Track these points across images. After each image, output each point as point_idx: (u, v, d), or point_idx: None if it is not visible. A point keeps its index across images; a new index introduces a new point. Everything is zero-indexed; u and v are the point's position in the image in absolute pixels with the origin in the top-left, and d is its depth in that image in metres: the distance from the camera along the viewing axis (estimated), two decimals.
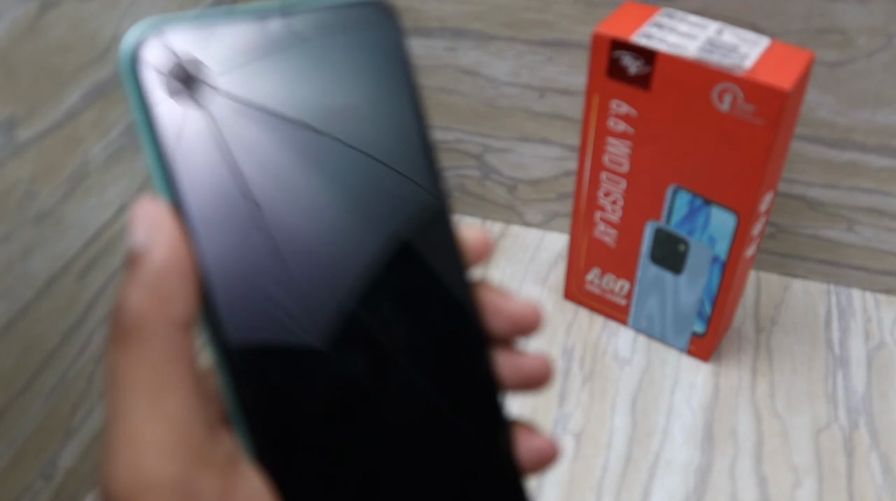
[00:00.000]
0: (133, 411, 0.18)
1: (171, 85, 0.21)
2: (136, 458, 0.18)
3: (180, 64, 0.22)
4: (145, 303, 0.19)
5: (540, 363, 0.24)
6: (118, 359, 0.18)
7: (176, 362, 0.19)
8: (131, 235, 0.19)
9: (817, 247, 0.57)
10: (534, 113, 0.57)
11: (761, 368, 0.53)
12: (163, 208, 0.20)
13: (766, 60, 0.41)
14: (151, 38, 0.21)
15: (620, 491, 0.46)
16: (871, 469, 0.47)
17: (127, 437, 0.18)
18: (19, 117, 0.36)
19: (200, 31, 0.22)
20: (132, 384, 0.18)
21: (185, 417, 0.18)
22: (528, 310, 0.24)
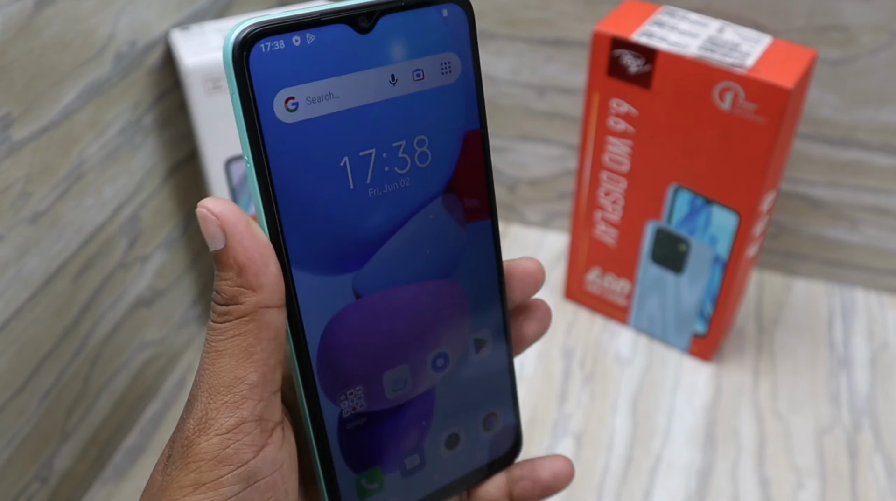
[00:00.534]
0: (220, 373, 0.22)
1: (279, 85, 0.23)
2: (211, 407, 0.22)
3: (287, 68, 0.23)
4: (240, 297, 0.22)
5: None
6: (216, 332, 0.23)
7: (262, 337, 0.23)
8: (209, 238, 0.23)
9: (820, 246, 0.57)
10: (534, 112, 0.57)
11: (763, 369, 0.52)
12: (229, 204, 0.23)
13: (768, 59, 0.41)
14: (258, 39, 0.22)
15: (621, 493, 0.46)
16: (875, 471, 0.46)
17: (207, 391, 0.22)
18: (14, 116, 0.35)
19: (298, 36, 0.23)
20: (226, 351, 0.23)
21: (255, 381, 0.23)
22: (530, 263, 0.28)
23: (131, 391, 0.48)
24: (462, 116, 0.25)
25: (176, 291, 0.51)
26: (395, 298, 0.25)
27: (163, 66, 0.45)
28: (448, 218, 0.26)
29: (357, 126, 0.24)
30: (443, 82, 0.25)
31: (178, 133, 0.48)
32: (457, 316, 0.27)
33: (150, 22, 0.43)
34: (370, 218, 0.24)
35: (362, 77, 0.23)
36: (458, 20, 0.25)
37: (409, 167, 0.25)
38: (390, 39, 0.24)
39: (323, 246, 0.24)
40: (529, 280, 0.28)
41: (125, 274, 0.45)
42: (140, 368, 0.48)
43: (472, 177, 0.26)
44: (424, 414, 0.27)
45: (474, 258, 0.27)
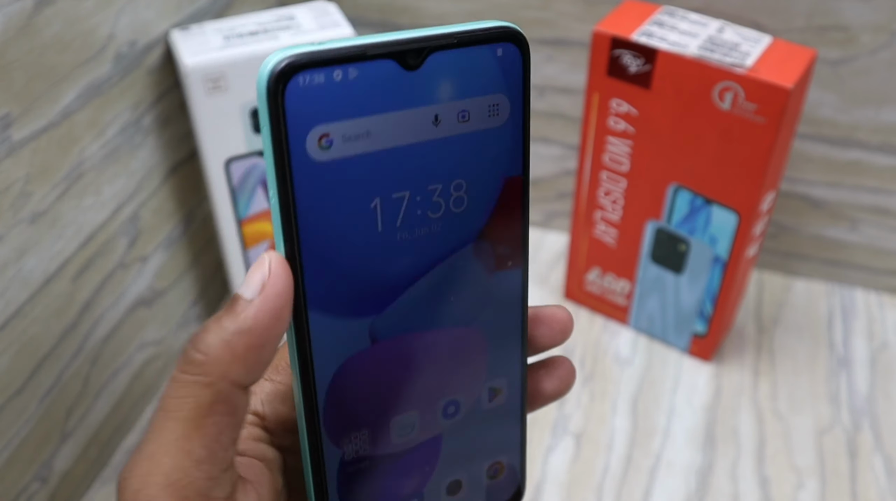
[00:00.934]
0: (164, 437, 0.20)
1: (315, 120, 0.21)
2: (146, 479, 0.20)
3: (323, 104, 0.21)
4: (217, 352, 0.21)
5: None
6: (175, 385, 0.21)
7: (218, 410, 0.21)
8: (246, 282, 0.21)
9: (820, 246, 0.57)
10: (534, 112, 0.57)
11: (763, 369, 0.52)
12: (286, 275, 0.21)
13: (768, 58, 0.41)
14: (297, 72, 0.21)
15: (621, 493, 0.46)
16: (875, 471, 0.46)
17: (149, 456, 0.20)
18: (14, 116, 0.35)
19: (339, 70, 0.21)
20: (175, 412, 0.20)
21: (203, 457, 0.20)
22: (559, 311, 0.27)
23: (131, 391, 0.48)
24: (505, 161, 0.24)
25: (176, 291, 0.51)
26: (411, 344, 0.24)
27: (163, 66, 0.45)
28: (477, 266, 0.25)
29: (393, 167, 0.22)
30: (488, 125, 0.23)
31: (178, 133, 0.48)
32: (474, 365, 0.26)
33: (150, 22, 0.43)
34: (396, 262, 0.23)
35: (404, 116, 0.22)
36: (512, 60, 0.23)
37: (443, 211, 0.23)
38: (438, 78, 0.22)
39: (344, 288, 0.23)
40: (557, 327, 0.27)
41: (125, 274, 0.45)
42: (140, 368, 0.48)
43: (507, 225, 0.25)
44: (429, 460, 0.26)
45: (499, 306, 0.26)
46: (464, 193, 0.24)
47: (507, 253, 0.25)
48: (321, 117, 0.21)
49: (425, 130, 0.22)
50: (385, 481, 0.26)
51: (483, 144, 0.23)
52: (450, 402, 0.26)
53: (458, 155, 0.23)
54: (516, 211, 0.25)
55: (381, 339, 0.24)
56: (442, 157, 0.23)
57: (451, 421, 0.26)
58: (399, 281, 0.23)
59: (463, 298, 0.25)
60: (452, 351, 0.25)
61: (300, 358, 0.23)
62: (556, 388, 0.28)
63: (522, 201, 0.25)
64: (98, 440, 0.45)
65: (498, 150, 0.24)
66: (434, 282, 0.24)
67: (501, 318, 0.26)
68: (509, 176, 0.24)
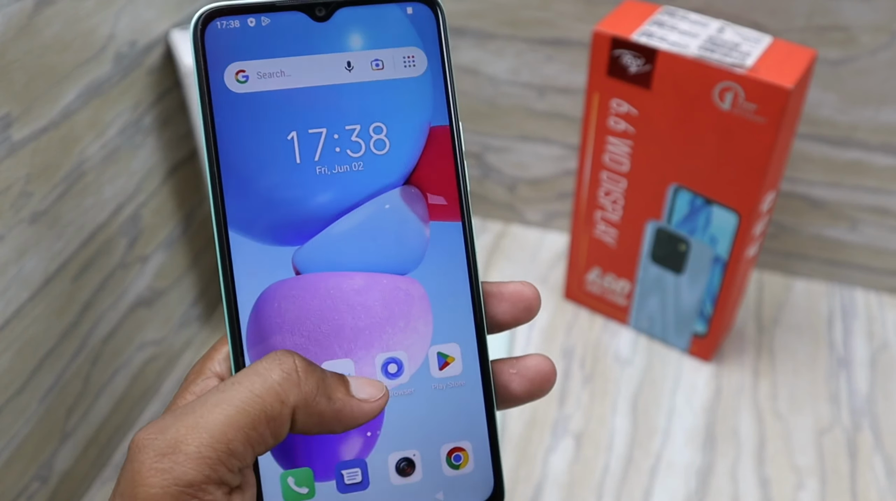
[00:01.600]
0: (216, 417, 0.21)
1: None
2: (188, 436, 0.21)
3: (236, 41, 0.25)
4: (308, 390, 0.23)
5: (541, 361, 0.26)
6: (259, 380, 0.22)
7: (272, 426, 0.22)
8: (362, 383, 0.24)
9: (820, 246, 0.57)
10: (534, 112, 0.56)
11: (763, 369, 0.52)
12: (380, 410, 0.24)
13: (768, 59, 0.41)
14: (214, 17, 0.24)
15: (621, 493, 0.46)
16: (875, 471, 0.46)
17: (190, 426, 0.21)
18: (14, 116, 0.35)
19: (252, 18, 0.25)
20: (241, 404, 0.22)
21: (237, 452, 0.21)
22: (525, 288, 0.27)
23: (131, 391, 0.48)
24: (427, 110, 0.26)
25: (176, 291, 0.51)
26: (338, 283, 0.25)
27: (163, 66, 0.45)
28: (406, 211, 0.26)
29: (308, 105, 0.25)
30: (405, 74, 0.26)
31: (178, 133, 0.48)
32: (413, 321, 0.26)
33: (150, 22, 0.43)
34: (316, 195, 0.25)
35: (316, 61, 0.25)
36: (425, 17, 0.26)
37: (364, 152, 0.25)
38: (347, 29, 0.25)
39: (263, 213, 0.25)
40: (521, 304, 0.26)
41: (125, 274, 0.45)
42: (140, 368, 0.48)
43: (438, 174, 0.26)
44: (370, 424, 0.25)
45: (440, 260, 0.26)
46: (384, 137, 0.25)
47: (441, 204, 0.26)
48: (238, 55, 0.25)
49: (338, 74, 0.25)
50: (320, 436, 0.25)
51: (401, 92, 0.26)
52: (390, 359, 0.26)
53: (374, 99, 0.25)
54: (447, 160, 0.26)
55: (304, 272, 0.25)
56: (357, 100, 0.25)
57: (395, 382, 0.26)
58: (320, 214, 0.25)
59: (393, 243, 0.26)
60: (386, 300, 0.26)
61: (224, 280, 0.24)
62: (526, 390, 0.26)
63: (454, 151, 0.26)
64: (98, 440, 0.45)
65: (418, 99, 0.26)
66: (359, 221, 0.25)
67: (444, 274, 0.26)
68: (435, 125, 0.26)
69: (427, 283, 0.26)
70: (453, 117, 0.26)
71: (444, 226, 0.26)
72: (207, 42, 0.24)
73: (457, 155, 0.26)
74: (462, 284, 0.26)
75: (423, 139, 0.26)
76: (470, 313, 0.26)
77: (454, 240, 0.26)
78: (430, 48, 0.26)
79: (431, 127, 0.26)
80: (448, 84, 0.26)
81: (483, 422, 0.26)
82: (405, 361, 0.26)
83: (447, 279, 0.26)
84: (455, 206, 0.26)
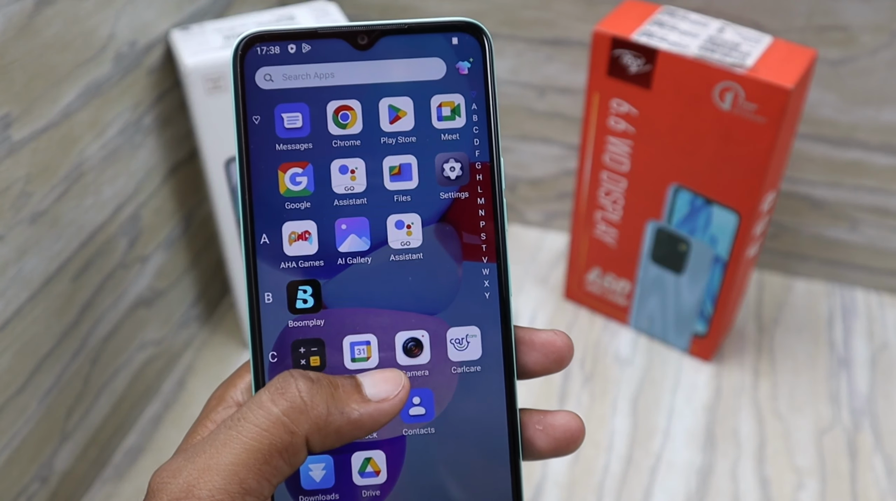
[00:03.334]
0: (226, 457, 0.21)
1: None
2: (191, 490, 0.21)
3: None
4: (317, 413, 0.22)
5: (570, 419, 0.26)
6: (262, 413, 0.22)
7: (285, 457, 0.21)
8: (375, 379, 0.23)
9: (820, 246, 0.57)
10: (534, 112, 0.56)
11: (763, 369, 0.52)
12: (404, 402, 0.23)
13: (768, 58, 0.41)
14: (254, 44, 0.24)
15: (621, 493, 0.46)
16: (875, 472, 0.46)
17: (202, 468, 0.21)
18: (14, 116, 0.35)
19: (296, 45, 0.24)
20: (249, 440, 0.21)
21: (252, 489, 0.21)
22: (558, 337, 0.25)
23: (131, 391, 0.48)
24: (468, 147, 0.25)
25: (176, 291, 0.51)
26: (364, 320, 0.25)
27: (163, 66, 0.45)
28: (439, 249, 0.25)
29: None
30: (447, 115, 0.25)
31: (178, 133, 0.48)
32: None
33: (150, 22, 0.43)
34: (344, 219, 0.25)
35: (356, 90, 0.24)
36: (471, 49, 0.25)
37: (398, 188, 0.25)
38: (389, 58, 0.24)
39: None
40: (553, 355, 0.25)
41: (125, 274, 0.45)
42: (140, 368, 0.48)
43: (474, 212, 0.25)
44: (389, 468, 0.25)
45: (471, 301, 0.25)
46: (420, 172, 0.25)
47: (475, 243, 0.25)
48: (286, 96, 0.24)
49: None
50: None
51: (442, 131, 0.25)
52: (415, 393, 0.25)
53: (413, 135, 0.25)
54: (485, 197, 0.25)
55: (331, 307, 0.25)
56: (397, 137, 0.25)
57: (420, 424, 0.25)
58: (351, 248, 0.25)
59: (422, 281, 0.25)
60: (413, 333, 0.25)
61: (250, 311, 0.24)
62: (551, 448, 0.25)
63: (492, 188, 0.25)
64: (98, 440, 0.45)
65: (459, 136, 0.25)
66: (389, 257, 0.25)
67: (474, 317, 0.25)
68: (475, 161, 0.25)
69: (455, 325, 0.25)
70: (495, 155, 0.25)
71: (477, 267, 0.25)
72: (247, 70, 0.24)
73: (496, 194, 0.25)
74: (494, 327, 0.25)
75: (462, 176, 0.25)
76: (500, 361, 0.25)
77: (488, 283, 0.25)
78: (474, 81, 0.25)
79: (471, 163, 0.25)
80: (492, 121, 0.25)
81: (508, 475, 0.25)
82: (433, 400, 0.25)
83: (479, 322, 0.25)
84: (491, 247, 0.25)
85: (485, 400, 0.25)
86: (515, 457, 0.25)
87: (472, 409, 0.25)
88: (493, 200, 0.25)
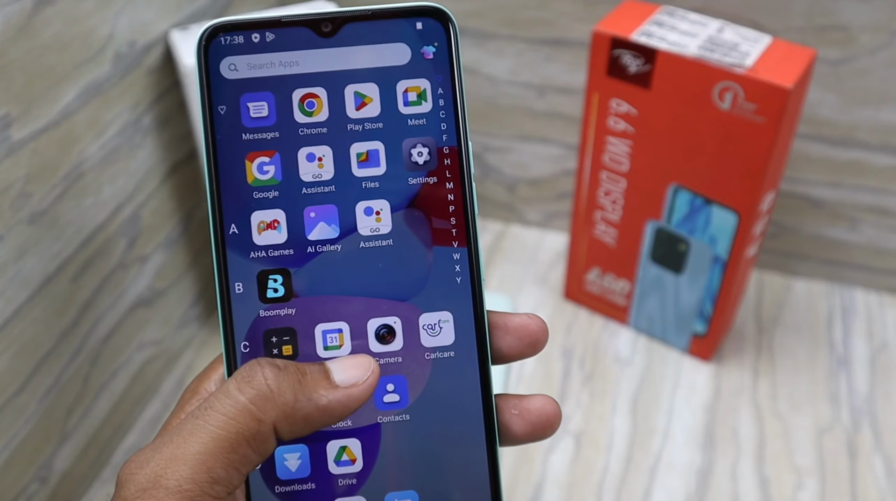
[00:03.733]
0: (192, 446, 0.21)
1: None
2: (158, 480, 0.20)
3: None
4: (284, 400, 0.21)
5: (545, 403, 0.25)
6: (228, 401, 0.21)
7: (253, 445, 0.21)
8: (344, 365, 0.23)
9: (820, 246, 0.57)
10: (533, 112, 0.56)
11: (763, 368, 0.52)
12: (374, 387, 0.23)
13: (768, 58, 0.41)
14: (218, 34, 0.24)
15: (621, 493, 0.46)
16: (875, 471, 0.46)
17: (169, 458, 0.21)
18: (14, 116, 0.35)
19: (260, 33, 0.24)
20: (215, 428, 0.21)
21: (220, 478, 0.21)
22: (532, 321, 0.25)
23: (131, 391, 0.48)
24: (435, 131, 0.25)
25: (176, 291, 0.51)
26: (336, 307, 0.24)
27: (162, 66, 0.45)
28: (409, 235, 0.25)
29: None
30: (413, 100, 0.25)
31: (177, 133, 0.48)
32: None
33: (150, 22, 0.43)
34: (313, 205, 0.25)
35: (321, 78, 0.25)
36: (435, 33, 0.25)
37: (366, 174, 0.25)
38: (353, 45, 0.24)
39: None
40: (526, 338, 0.25)
41: (125, 274, 0.45)
42: (140, 368, 0.48)
43: (444, 197, 0.25)
44: (366, 455, 0.25)
45: (442, 287, 0.25)
46: (387, 159, 0.25)
47: (445, 228, 0.25)
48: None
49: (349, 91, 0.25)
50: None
51: (408, 115, 0.25)
52: (387, 379, 0.25)
53: (379, 120, 0.25)
54: (454, 182, 0.25)
55: (301, 295, 0.24)
56: (363, 122, 0.25)
57: (394, 410, 0.25)
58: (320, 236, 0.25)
59: (392, 267, 0.25)
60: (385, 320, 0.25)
61: (220, 302, 0.24)
62: (527, 432, 0.25)
63: (461, 173, 0.25)
64: (98, 440, 0.45)
65: (425, 120, 0.25)
66: (359, 244, 0.25)
67: (446, 303, 0.25)
68: (443, 146, 0.25)
69: (427, 310, 0.25)
70: (463, 139, 0.25)
71: (448, 251, 0.25)
72: (211, 60, 0.24)
73: (464, 178, 0.25)
74: (466, 313, 0.25)
75: (431, 161, 0.25)
76: (473, 346, 0.25)
77: (460, 268, 0.25)
78: (440, 66, 0.25)
79: (439, 148, 0.25)
80: (458, 105, 0.25)
81: (484, 460, 0.25)
82: (407, 386, 0.25)
83: (451, 306, 0.25)
84: (461, 231, 0.25)
85: (459, 386, 0.25)
86: (492, 443, 0.25)
87: (447, 395, 0.25)
88: (462, 184, 0.25)
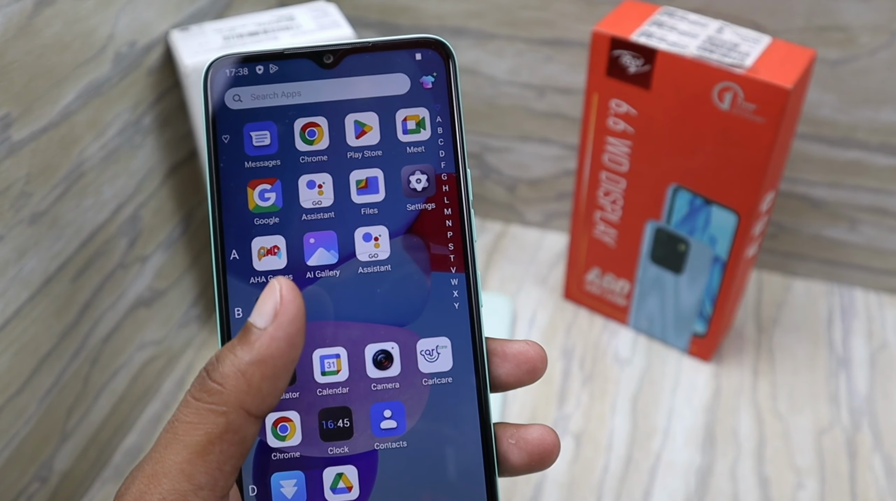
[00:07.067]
0: (168, 459, 0.21)
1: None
2: (142, 498, 0.20)
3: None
4: (233, 382, 0.21)
5: (544, 433, 0.25)
6: (187, 409, 0.21)
7: (228, 438, 0.21)
8: (257, 310, 0.21)
9: (819, 246, 0.57)
10: (533, 112, 0.57)
11: (763, 369, 0.52)
12: (297, 300, 0.21)
13: (767, 59, 0.41)
14: (221, 66, 0.25)
15: (621, 493, 0.46)
16: (875, 471, 0.46)
17: (149, 475, 0.21)
18: (14, 116, 0.35)
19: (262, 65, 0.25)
20: (183, 437, 0.21)
21: (204, 483, 0.21)
22: (530, 348, 0.25)
23: (131, 391, 0.48)
24: (434, 159, 0.25)
25: (176, 291, 0.51)
26: (334, 333, 0.24)
27: (162, 66, 0.45)
28: (407, 261, 0.25)
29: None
30: (412, 129, 0.25)
31: (177, 133, 0.48)
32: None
33: (150, 22, 0.43)
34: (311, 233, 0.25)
35: (323, 107, 0.25)
36: (435, 64, 0.25)
37: (365, 201, 0.25)
38: (354, 76, 0.25)
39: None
40: (525, 366, 0.25)
41: (125, 274, 0.45)
42: (140, 368, 0.48)
43: (442, 223, 0.25)
44: (364, 476, 0.24)
45: (440, 312, 0.25)
46: (386, 185, 0.25)
47: (443, 254, 0.25)
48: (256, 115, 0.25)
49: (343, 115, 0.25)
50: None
51: (408, 144, 0.25)
52: (384, 406, 0.25)
53: (379, 148, 0.25)
54: (453, 209, 0.25)
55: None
56: (363, 150, 0.25)
57: (392, 437, 0.24)
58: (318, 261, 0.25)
59: (390, 293, 0.25)
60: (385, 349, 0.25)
61: (220, 324, 0.24)
62: (525, 463, 0.25)
63: (459, 199, 0.25)
64: (98, 440, 0.45)
65: (424, 148, 0.25)
66: (357, 270, 0.25)
67: (445, 327, 0.25)
68: (441, 173, 0.25)
69: (425, 336, 0.25)
70: (461, 166, 0.25)
71: (446, 277, 0.25)
72: (216, 91, 0.25)
73: (462, 204, 0.25)
74: (464, 338, 0.25)
75: (429, 188, 0.25)
76: (472, 372, 0.25)
77: (458, 293, 0.25)
78: (438, 95, 0.25)
79: (437, 175, 0.25)
80: (457, 132, 0.25)
81: (483, 491, 0.25)
82: (405, 412, 0.25)
83: (450, 333, 0.25)
84: (459, 257, 0.25)
85: (457, 413, 0.24)
86: (490, 471, 0.24)
87: (445, 422, 0.24)
88: (460, 210, 0.25)
